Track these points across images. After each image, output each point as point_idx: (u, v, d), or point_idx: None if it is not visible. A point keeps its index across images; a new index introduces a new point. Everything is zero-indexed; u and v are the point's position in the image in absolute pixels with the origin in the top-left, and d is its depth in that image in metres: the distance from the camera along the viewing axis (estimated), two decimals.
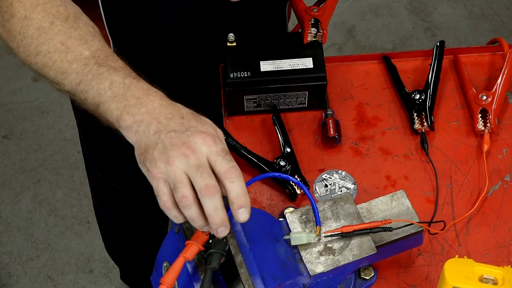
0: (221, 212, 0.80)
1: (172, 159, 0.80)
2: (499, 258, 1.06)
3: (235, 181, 0.81)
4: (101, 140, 1.42)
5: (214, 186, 0.80)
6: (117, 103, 0.85)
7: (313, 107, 1.21)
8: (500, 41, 1.27)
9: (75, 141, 2.41)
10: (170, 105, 0.86)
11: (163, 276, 0.83)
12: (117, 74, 0.87)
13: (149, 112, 0.84)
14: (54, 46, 0.90)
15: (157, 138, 0.82)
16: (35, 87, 2.57)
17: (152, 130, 0.83)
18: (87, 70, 0.88)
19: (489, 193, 1.13)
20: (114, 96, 0.85)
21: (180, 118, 0.84)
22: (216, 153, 0.81)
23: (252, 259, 0.87)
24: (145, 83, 0.87)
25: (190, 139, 0.81)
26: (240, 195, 0.81)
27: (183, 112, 0.85)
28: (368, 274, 0.99)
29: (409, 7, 2.83)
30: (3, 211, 2.29)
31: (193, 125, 0.83)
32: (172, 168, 0.80)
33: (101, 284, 2.16)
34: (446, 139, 1.19)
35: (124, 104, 0.85)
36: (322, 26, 1.17)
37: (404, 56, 1.28)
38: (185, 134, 0.82)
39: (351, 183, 1.14)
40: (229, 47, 1.17)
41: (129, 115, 0.84)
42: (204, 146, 0.81)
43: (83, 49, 0.90)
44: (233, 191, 0.81)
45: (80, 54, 0.89)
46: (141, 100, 0.85)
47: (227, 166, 0.81)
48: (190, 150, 0.80)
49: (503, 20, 2.79)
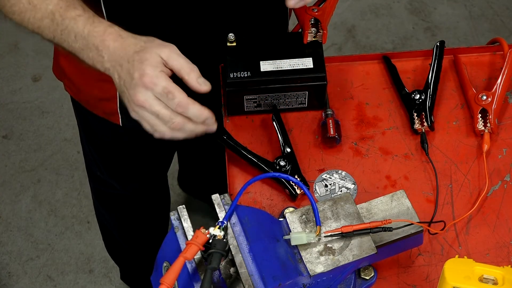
0: (197, 106, 0.93)
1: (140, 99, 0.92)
2: (499, 258, 1.06)
3: (188, 110, 0.93)
4: (102, 139, 1.42)
5: (182, 99, 0.91)
6: (86, 54, 0.97)
7: (313, 107, 1.21)
8: (500, 41, 1.27)
9: (75, 141, 2.41)
10: (121, 45, 0.95)
11: (163, 276, 0.83)
12: (77, 25, 0.97)
13: (109, 59, 0.95)
14: (24, 6, 1.00)
15: (122, 84, 0.94)
16: (35, 87, 2.57)
17: (117, 76, 0.94)
18: (55, 25, 0.98)
19: (489, 193, 1.13)
20: (81, 48, 0.97)
21: (132, 53, 0.93)
22: (159, 95, 0.91)
23: (252, 259, 0.87)
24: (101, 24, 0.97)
25: (143, 69, 0.91)
26: (199, 115, 0.93)
27: (129, 50, 0.94)
28: (368, 274, 0.99)
29: (409, 7, 2.83)
30: (3, 211, 2.29)
31: (137, 67, 0.92)
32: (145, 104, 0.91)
33: (101, 284, 2.16)
34: (446, 139, 1.19)
35: (91, 55, 0.96)
36: (322, 26, 1.17)
37: (404, 56, 1.28)
38: (136, 69, 0.92)
39: (351, 183, 1.14)
40: (229, 47, 1.17)
41: (99, 65, 0.96)
42: (153, 70, 0.91)
43: (47, 4, 0.99)
44: (193, 117, 0.93)
45: (46, 10, 0.99)
46: (99, 49, 0.95)
47: (173, 104, 0.92)
48: (147, 81, 0.91)
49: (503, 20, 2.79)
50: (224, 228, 0.87)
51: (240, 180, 1.14)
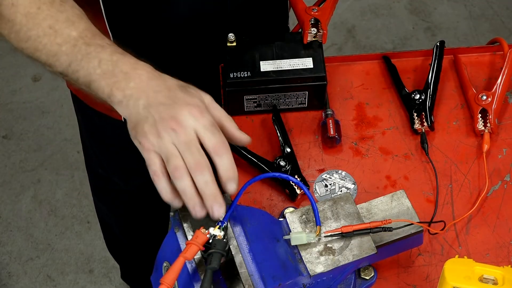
0: (212, 186, 0.83)
1: (162, 134, 0.83)
2: (499, 258, 1.06)
3: (223, 156, 0.84)
4: (104, 135, 1.42)
5: (204, 162, 0.82)
6: (107, 80, 0.88)
7: (313, 107, 1.21)
8: (500, 41, 1.27)
9: (75, 141, 2.42)
10: (158, 77, 0.88)
11: (163, 276, 0.83)
12: (105, 51, 0.90)
13: (137, 87, 0.86)
14: (43, 31, 0.92)
15: (147, 112, 0.84)
16: (35, 87, 2.58)
17: (141, 104, 0.85)
18: (76, 51, 0.91)
19: (489, 193, 1.13)
20: (103, 73, 0.88)
21: (167, 90, 0.86)
22: (204, 127, 0.84)
23: (252, 259, 0.87)
24: (132, 57, 0.90)
25: (178, 112, 0.83)
26: (228, 168, 0.84)
27: (169, 83, 0.87)
28: (368, 274, 0.99)
29: (409, 7, 2.83)
30: (3, 211, 2.29)
31: (180, 97, 0.85)
32: (163, 142, 0.83)
33: (101, 284, 2.17)
34: (446, 139, 1.19)
35: (114, 81, 0.87)
36: (322, 26, 1.17)
37: (404, 56, 1.28)
38: (173, 107, 0.84)
39: (351, 183, 1.14)
40: (229, 47, 1.17)
41: (119, 91, 0.87)
42: (191, 118, 0.83)
43: (70, 30, 0.92)
44: (221, 166, 0.84)
45: (68, 36, 0.92)
46: (129, 75, 0.87)
47: (214, 140, 0.84)
48: (178, 124, 0.83)
49: (503, 20, 2.79)
50: (224, 228, 0.87)
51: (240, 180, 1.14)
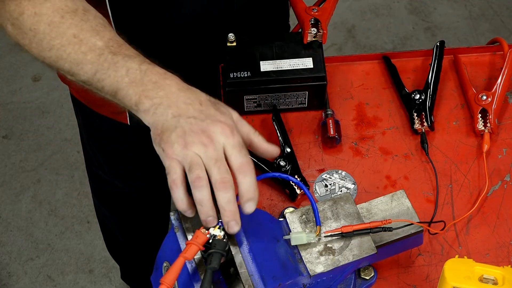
0: (233, 205, 0.83)
1: (190, 145, 0.82)
2: (499, 258, 1.06)
3: (247, 176, 0.84)
4: (105, 137, 1.42)
5: (229, 181, 0.82)
6: (135, 89, 0.87)
7: (313, 107, 1.21)
8: (500, 41, 1.27)
9: (75, 141, 2.42)
10: (188, 89, 0.88)
11: (163, 276, 0.83)
12: (133, 61, 0.89)
13: (167, 96, 0.86)
14: (67, 40, 0.92)
15: (176, 121, 0.84)
16: (35, 87, 2.58)
17: (171, 113, 0.85)
18: (103, 60, 0.90)
19: (489, 193, 1.13)
20: (132, 82, 0.87)
21: (199, 104, 0.86)
22: (232, 146, 0.84)
23: (252, 259, 0.87)
24: (161, 68, 0.89)
25: (210, 128, 0.83)
26: (250, 189, 0.84)
27: (201, 98, 0.87)
28: (368, 274, 0.99)
29: (409, 7, 2.83)
30: (3, 211, 2.29)
31: (212, 114, 0.85)
32: (189, 153, 0.82)
33: (101, 284, 2.16)
34: (446, 139, 1.19)
35: (142, 89, 0.87)
36: (322, 26, 1.17)
37: (404, 56, 1.28)
38: (205, 122, 0.84)
39: (351, 183, 1.14)
40: (229, 47, 1.17)
41: (147, 99, 0.86)
42: (222, 137, 0.83)
43: (96, 40, 0.91)
44: (244, 185, 0.84)
45: (94, 45, 0.91)
46: (158, 84, 0.87)
47: (241, 160, 0.84)
48: (209, 139, 0.83)
49: (503, 20, 2.79)
50: (224, 228, 0.87)
51: None
